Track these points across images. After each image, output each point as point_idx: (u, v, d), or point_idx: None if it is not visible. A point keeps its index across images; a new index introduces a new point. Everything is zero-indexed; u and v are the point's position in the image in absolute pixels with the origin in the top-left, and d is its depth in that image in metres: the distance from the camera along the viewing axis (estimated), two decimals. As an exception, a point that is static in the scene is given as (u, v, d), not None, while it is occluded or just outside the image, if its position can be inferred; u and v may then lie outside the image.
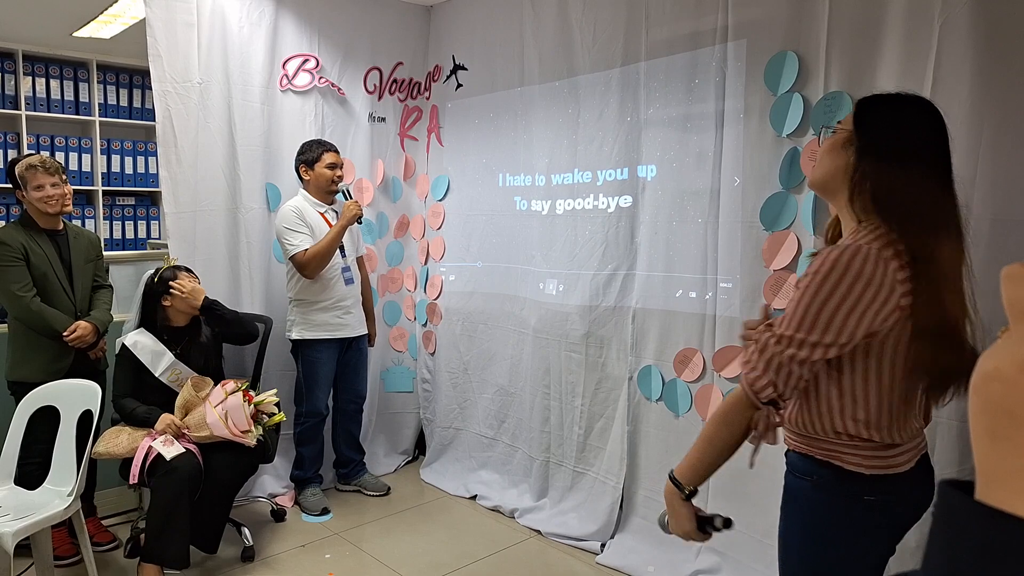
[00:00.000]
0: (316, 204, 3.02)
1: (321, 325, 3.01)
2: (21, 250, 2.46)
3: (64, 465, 2.31)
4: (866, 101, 1.26)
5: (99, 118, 4.60)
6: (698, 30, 2.43)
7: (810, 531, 1.27)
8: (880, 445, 1.21)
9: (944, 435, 1.86)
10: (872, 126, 1.22)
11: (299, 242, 2.89)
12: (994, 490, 0.30)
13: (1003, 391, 0.30)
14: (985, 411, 0.31)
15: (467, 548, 2.78)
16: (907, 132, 1.21)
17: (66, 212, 2.58)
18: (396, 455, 3.67)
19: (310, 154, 3.01)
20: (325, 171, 2.99)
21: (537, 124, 3.06)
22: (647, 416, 2.67)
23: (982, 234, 1.78)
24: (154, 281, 2.58)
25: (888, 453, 1.21)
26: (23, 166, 2.49)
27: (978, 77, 1.77)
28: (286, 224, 2.91)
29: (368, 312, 3.25)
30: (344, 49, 3.34)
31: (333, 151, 3.04)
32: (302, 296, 3.00)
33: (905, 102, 1.24)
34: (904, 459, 1.23)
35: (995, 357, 0.31)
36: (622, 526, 2.74)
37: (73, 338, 2.50)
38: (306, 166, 3.02)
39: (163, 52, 2.83)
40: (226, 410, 2.43)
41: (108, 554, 2.66)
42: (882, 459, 1.21)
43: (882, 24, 1.96)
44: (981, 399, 0.31)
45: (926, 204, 1.17)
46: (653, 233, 2.63)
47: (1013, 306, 0.32)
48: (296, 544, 2.78)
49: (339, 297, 3.03)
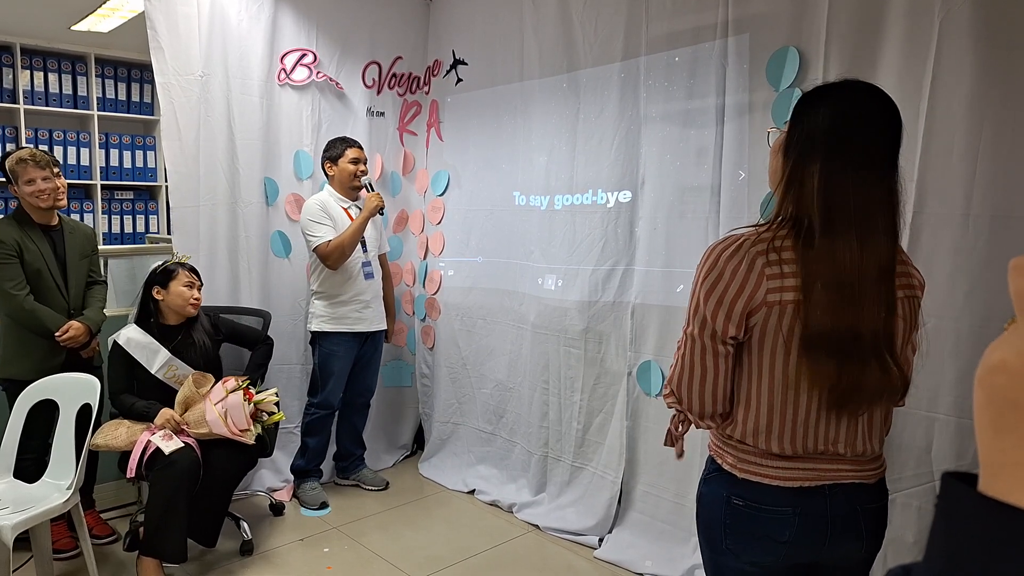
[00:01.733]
0: (340, 200, 3.06)
1: (341, 318, 3.03)
2: (15, 246, 2.43)
3: (63, 459, 2.31)
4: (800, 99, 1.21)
5: (97, 112, 4.58)
6: (699, 25, 2.43)
7: (699, 525, 1.30)
8: (757, 451, 1.18)
9: (942, 431, 1.86)
10: (790, 125, 1.19)
11: (322, 234, 2.93)
12: (997, 482, 0.30)
13: (1008, 383, 0.30)
14: (990, 403, 0.31)
15: (465, 542, 2.79)
16: (811, 126, 1.13)
17: (59, 207, 2.54)
18: (395, 450, 3.67)
19: (334, 151, 3.06)
20: (348, 166, 3.04)
21: (537, 119, 3.05)
22: (646, 411, 2.68)
23: (981, 232, 1.78)
24: (156, 272, 2.57)
25: (768, 462, 1.17)
26: (13, 160, 2.45)
27: (978, 73, 1.76)
28: (310, 217, 2.96)
29: (389, 308, 3.27)
30: (342, 43, 3.33)
31: (356, 147, 3.09)
32: (323, 289, 3.03)
33: (821, 95, 1.17)
34: (797, 474, 1.17)
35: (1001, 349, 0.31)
36: (620, 520, 2.74)
37: (65, 339, 2.49)
38: (330, 162, 3.06)
39: (165, 45, 2.82)
40: (226, 408, 2.43)
41: (107, 547, 2.66)
42: (758, 465, 1.18)
43: (882, 19, 1.96)
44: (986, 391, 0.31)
45: (831, 204, 1.10)
46: (652, 228, 2.62)
47: (1020, 298, 0.32)
48: (295, 538, 2.79)
49: (358, 291, 3.05)
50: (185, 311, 2.56)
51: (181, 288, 2.54)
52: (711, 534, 1.26)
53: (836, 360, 1.09)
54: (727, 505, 1.21)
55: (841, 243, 1.08)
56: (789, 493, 1.17)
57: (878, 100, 1.15)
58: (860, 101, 1.14)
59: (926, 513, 1.90)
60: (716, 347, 1.16)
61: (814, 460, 1.17)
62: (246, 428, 2.45)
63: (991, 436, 0.31)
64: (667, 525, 2.57)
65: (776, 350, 1.13)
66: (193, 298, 2.56)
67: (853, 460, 1.19)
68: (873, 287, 1.09)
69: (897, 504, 1.97)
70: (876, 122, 1.13)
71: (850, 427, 1.17)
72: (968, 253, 1.80)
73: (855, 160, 1.10)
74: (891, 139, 1.13)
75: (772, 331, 1.13)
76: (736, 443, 1.21)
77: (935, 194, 1.85)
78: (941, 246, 1.84)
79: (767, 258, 1.11)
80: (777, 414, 1.16)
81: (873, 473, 1.22)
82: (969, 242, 1.80)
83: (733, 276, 1.13)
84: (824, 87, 1.19)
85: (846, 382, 1.10)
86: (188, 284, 2.57)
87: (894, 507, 1.96)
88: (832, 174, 1.10)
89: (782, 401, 1.15)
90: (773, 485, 1.17)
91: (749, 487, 1.19)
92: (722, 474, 1.23)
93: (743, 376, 1.18)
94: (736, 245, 1.15)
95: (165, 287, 2.55)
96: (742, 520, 1.20)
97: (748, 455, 1.19)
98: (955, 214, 1.82)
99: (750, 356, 1.16)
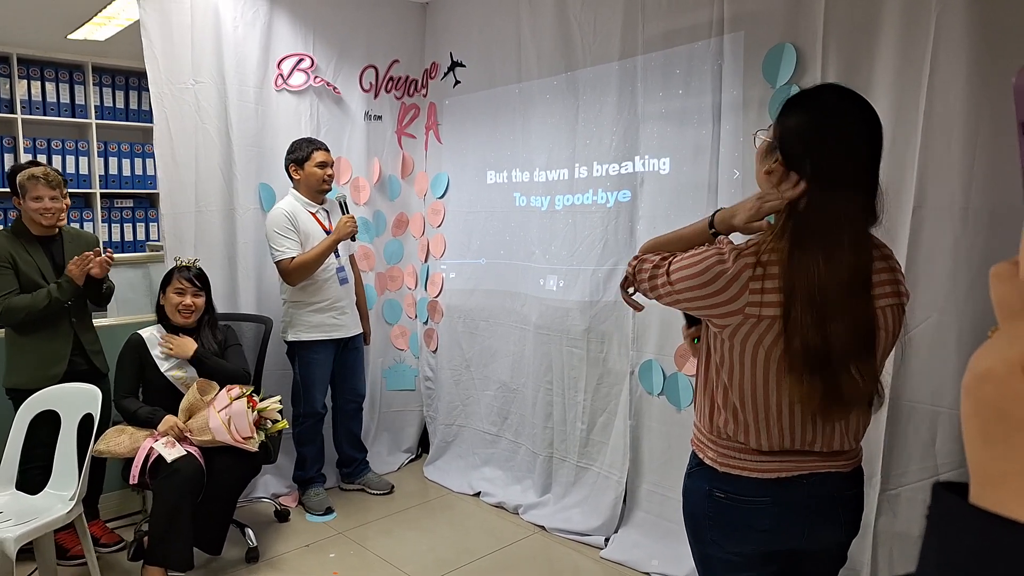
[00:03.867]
0: (307, 204, 2.99)
1: (317, 326, 3.00)
2: (8, 259, 2.46)
3: (66, 469, 2.31)
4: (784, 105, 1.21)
5: (95, 120, 4.58)
6: (695, 23, 2.42)
7: (685, 518, 1.33)
8: (737, 447, 1.21)
9: (945, 425, 1.86)
10: (773, 134, 1.19)
11: (285, 248, 2.86)
12: (988, 493, 0.29)
13: (996, 393, 0.30)
14: (977, 413, 0.30)
15: (471, 545, 2.79)
16: (790, 139, 1.15)
17: (59, 225, 2.59)
18: (399, 453, 3.67)
19: (299, 153, 2.97)
20: (315, 170, 2.95)
21: (536, 120, 3.05)
22: (649, 410, 2.67)
23: (980, 226, 1.78)
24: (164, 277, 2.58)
25: (747, 457, 1.21)
26: (25, 175, 2.49)
27: (975, 69, 1.76)
28: (275, 228, 2.89)
29: (362, 311, 3.24)
30: (339, 48, 3.33)
31: (323, 149, 3.00)
32: (297, 298, 2.98)
33: (797, 104, 1.18)
34: (775, 467, 1.20)
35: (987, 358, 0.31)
36: (626, 520, 2.74)
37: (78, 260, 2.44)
38: (296, 165, 2.97)
39: (158, 54, 2.82)
40: (229, 415, 2.43)
41: (115, 556, 2.66)
42: (738, 459, 1.22)
43: (879, 16, 1.95)
44: (973, 401, 0.31)
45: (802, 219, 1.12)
46: (652, 228, 2.62)
47: (1002, 306, 0.32)
48: (300, 544, 2.79)
49: (335, 298, 3.02)
50: (175, 319, 2.55)
51: (172, 294, 2.55)
52: (696, 526, 1.30)
53: (818, 376, 1.11)
54: (710, 498, 1.25)
55: (808, 259, 1.10)
56: (768, 484, 1.20)
57: (854, 111, 1.15)
58: (833, 113, 1.15)
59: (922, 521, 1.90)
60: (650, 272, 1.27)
61: (791, 455, 1.21)
62: (249, 436, 2.45)
63: (980, 446, 0.30)
64: (673, 524, 2.56)
65: (756, 359, 1.16)
66: (182, 304, 2.54)
67: (829, 455, 1.22)
68: (840, 302, 1.10)
69: (902, 498, 1.97)
70: (848, 136, 1.13)
71: (827, 430, 1.20)
72: (968, 247, 1.79)
73: (829, 176, 1.12)
74: (868, 152, 1.14)
75: (752, 342, 1.15)
76: (717, 438, 1.24)
77: (934, 188, 1.85)
78: (941, 240, 1.84)
79: (753, 271, 1.13)
80: (758, 415, 1.19)
81: (848, 463, 1.25)
82: (969, 236, 1.79)
83: (716, 279, 1.15)
84: (801, 96, 1.21)
85: (824, 397, 1.12)
86: (178, 291, 2.54)
87: (899, 501, 1.97)
88: (808, 189, 1.12)
89: (764, 405, 1.18)
90: (752, 477, 1.21)
91: (730, 480, 1.22)
92: (704, 468, 1.27)
93: (723, 372, 1.21)
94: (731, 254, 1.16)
95: (164, 292, 2.57)
96: (724, 512, 1.24)
97: (729, 450, 1.23)
98: (954, 208, 1.82)
99: (731, 355, 1.19)
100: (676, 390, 2.56)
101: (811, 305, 1.09)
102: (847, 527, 1.27)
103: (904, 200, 1.89)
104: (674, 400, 2.57)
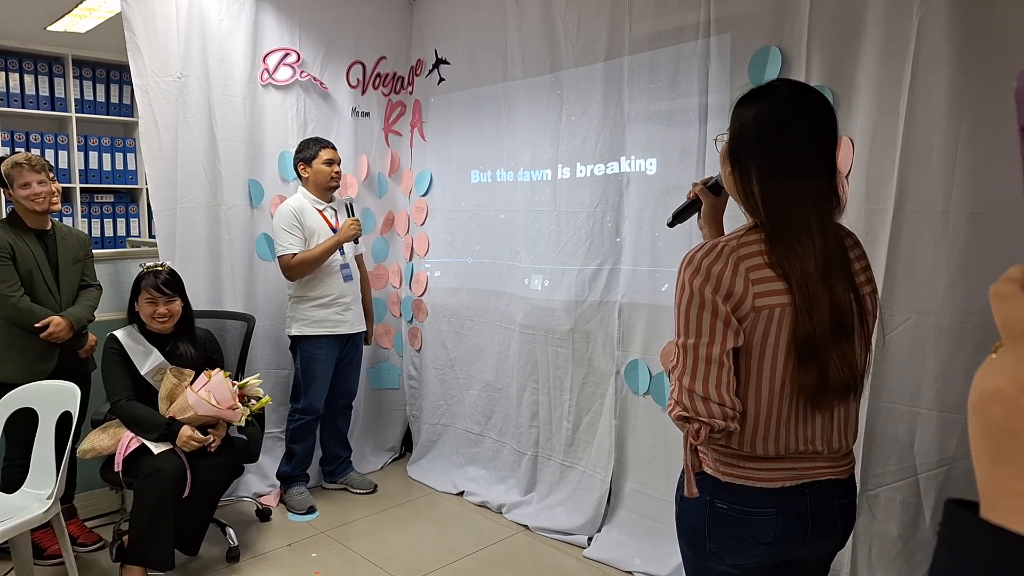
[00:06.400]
0: (315, 201, 3.03)
1: (320, 321, 3.00)
2: (8, 249, 2.44)
3: (43, 468, 2.27)
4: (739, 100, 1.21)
5: (75, 114, 4.51)
6: (681, 25, 2.44)
7: (681, 529, 1.29)
8: (739, 453, 1.18)
9: (924, 425, 1.88)
10: (730, 132, 1.20)
11: (289, 244, 2.90)
12: (997, 512, 0.29)
13: (1004, 413, 0.30)
14: (986, 432, 0.31)
15: (454, 544, 2.78)
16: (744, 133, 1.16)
17: (54, 211, 2.55)
18: (383, 452, 3.65)
19: (307, 152, 3.02)
20: (323, 167, 3.00)
21: (520, 119, 3.05)
22: (634, 410, 2.68)
23: (960, 227, 1.80)
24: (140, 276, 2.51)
25: (750, 464, 1.18)
26: (8, 164, 2.46)
27: (956, 71, 1.78)
28: (281, 224, 2.93)
29: (367, 310, 3.24)
30: (326, 43, 3.30)
31: (330, 147, 3.04)
32: (301, 293, 3.00)
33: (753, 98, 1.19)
34: (778, 475, 1.18)
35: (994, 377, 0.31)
36: (609, 519, 2.75)
37: (45, 334, 2.45)
38: (304, 163, 3.02)
39: (142, 46, 2.78)
40: (209, 390, 2.39)
41: (93, 555, 2.62)
42: (741, 468, 1.18)
43: (862, 19, 1.98)
44: (981, 420, 0.31)
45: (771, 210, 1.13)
46: (638, 228, 2.63)
47: (1007, 326, 0.32)
48: (282, 543, 2.76)
49: (338, 293, 3.02)
50: (152, 326, 2.48)
51: (144, 304, 2.45)
52: (694, 538, 1.25)
53: (812, 361, 1.12)
54: (710, 509, 1.20)
55: (785, 247, 1.12)
56: (772, 495, 1.18)
57: (807, 101, 1.16)
58: (788, 104, 1.16)
59: (910, 507, 1.92)
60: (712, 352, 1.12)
61: (794, 460, 1.19)
62: (233, 405, 2.40)
63: (988, 466, 0.30)
64: (656, 523, 2.58)
65: (776, 355, 1.14)
66: (156, 314, 2.44)
67: (829, 457, 1.21)
68: (819, 288, 1.12)
69: (881, 498, 1.99)
70: (804, 125, 1.15)
71: (825, 425, 1.19)
72: (948, 249, 1.82)
73: (784, 165, 1.13)
74: (823, 140, 1.15)
75: (769, 337, 1.13)
76: (717, 444, 1.19)
77: (915, 190, 1.87)
78: (921, 242, 1.86)
79: (749, 262, 1.13)
80: (764, 417, 1.16)
81: (845, 469, 1.25)
82: (949, 238, 1.82)
83: (719, 280, 1.13)
84: (755, 92, 1.20)
85: (817, 381, 1.13)
86: (149, 300, 2.44)
87: (878, 501, 1.99)
88: (766, 180, 1.13)
89: (768, 404, 1.16)
90: (757, 487, 1.17)
91: (733, 490, 1.18)
92: (704, 478, 1.21)
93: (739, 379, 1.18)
94: (717, 251, 1.15)
95: (136, 299, 2.49)
96: (726, 524, 1.20)
97: (730, 457, 1.19)
98: (935, 210, 1.84)
99: (746, 362, 1.16)
100: (662, 390, 2.57)
101: (801, 291, 1.11)
102: (841, 537, 1.26)
103: (884, 202, 1.91)
104: (660, 400, 2.58)
